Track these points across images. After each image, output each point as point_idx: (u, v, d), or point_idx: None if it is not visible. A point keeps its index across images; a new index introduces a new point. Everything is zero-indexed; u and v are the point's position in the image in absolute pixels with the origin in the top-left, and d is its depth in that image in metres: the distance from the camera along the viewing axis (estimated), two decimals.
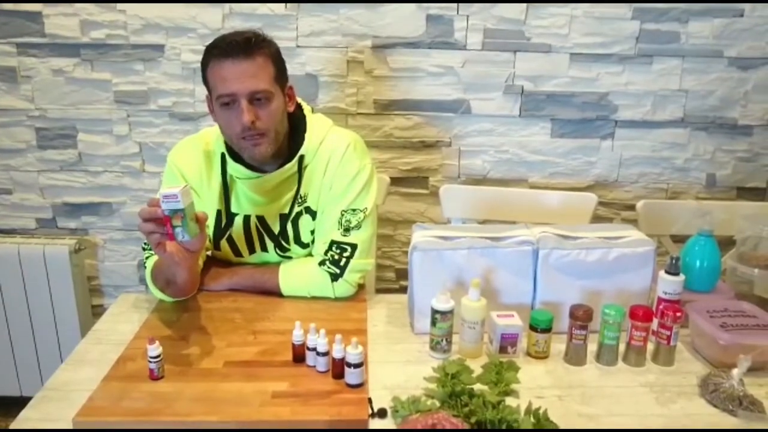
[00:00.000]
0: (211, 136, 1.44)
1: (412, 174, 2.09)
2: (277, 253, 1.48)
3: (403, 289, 1.40)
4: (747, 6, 1.93)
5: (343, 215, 1.39)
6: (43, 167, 2.06)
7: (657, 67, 1.99)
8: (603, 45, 1.96)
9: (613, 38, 1.96)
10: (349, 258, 1.39)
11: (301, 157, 1.38)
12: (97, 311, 2.17)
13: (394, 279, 2.20)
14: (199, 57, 1.89)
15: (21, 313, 2.09)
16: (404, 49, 1.96)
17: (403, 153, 2.06)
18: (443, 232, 1.36)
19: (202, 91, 1.96)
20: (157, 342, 1.09)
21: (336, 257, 1.39)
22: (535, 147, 2.07)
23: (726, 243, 1.54)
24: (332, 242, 1.40)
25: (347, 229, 1.39)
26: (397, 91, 2.00)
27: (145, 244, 1.40)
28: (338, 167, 1.39)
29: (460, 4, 1.91)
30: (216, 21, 1.90)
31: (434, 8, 1.91)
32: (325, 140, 1.40)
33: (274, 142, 1.33)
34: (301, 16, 1.91)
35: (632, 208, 1.91)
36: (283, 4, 1.89)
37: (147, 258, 1.39)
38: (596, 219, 1.91)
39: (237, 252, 1.48)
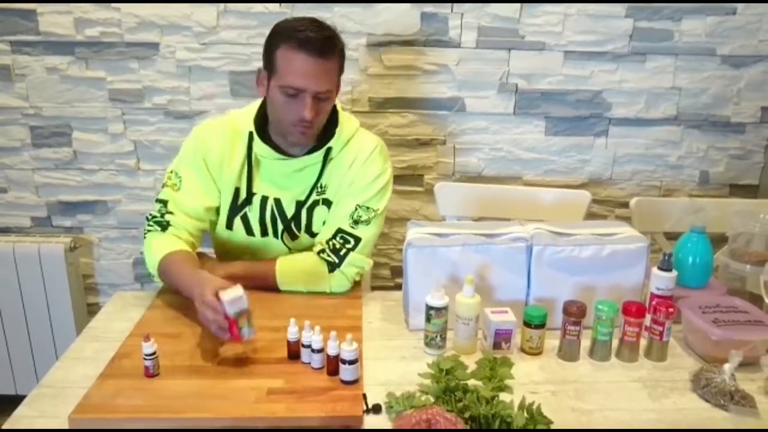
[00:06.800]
0: (238, 117, 1.46)
1: (407, 172, 2.10)
2: (284, 242, 1.48)
3: (399, 287, 1.41)
4: (740, 4, 1.94)
5: (356, 209, 1.43)
6: (37, 165, 2.06)
7: (650, 65, 2.00)
8: (597, 43, 1.97)
9: (607, 36, 1.96)
10: (350, 250, 1.41)
11: (329, 149, 1.42)
12: (93, 309, 2.17)
13: (389, 276, 2.21)
14: (194, 55, 1.94)
15: (16, 312, 2.09)
16: (399, 47, 1.96)
17: (398, 151, 2.07)
18: (438, 229, 1.37)
19: (197, 89, 1.98)
20: (152, 339, 1.09)
21: (337, 246, 1.41)
22: (529, 145, 2.08)
23: (718, 240, 1.56)
24: (339, 230, 1.42)
25: (357, 222, 1.43)
26: (392, 89, 2.00)
27: (150, 215, 1.42)
28: (363, 166, 1.43)
29: (454, 3, 1.91)
30: (211, 19, 1.90)
31: (429, 6, 1.91)
32: (354, 138, 1.45)
33: (317, 132, 1.41)
34: (295, 14, 1.91)
35: (626, 205, 1.92)
36: (278, 3, 1.89)
37: (148, 231, 1.41)
38: (590, 216, 1.93)
39: (249, 230, 1.48)
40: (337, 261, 1.41)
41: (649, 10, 1.94)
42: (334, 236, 1.42)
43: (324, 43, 1.29)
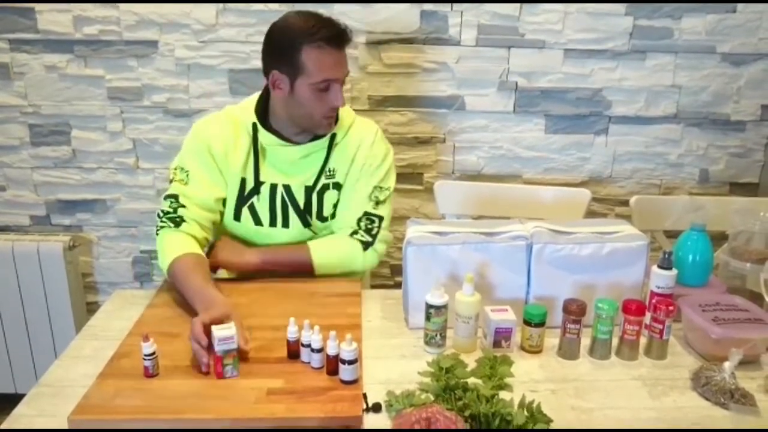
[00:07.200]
0: (237, 111, 1.50)
1: (406, 170, 2.10)
2: (305, 226, 1.51)
3: (398, 286, 1.40)
4: (739, 3, 1.94)
5: (374, 190, 1.51)
6: (36, 164, 2.05)
7: (650, 63, 2.00)
8: (597, 41, 1.97)
9: (607, 34, 1.96)
10: (379, 228, 1.51)
11: (333, 135, 1.49)
12: (92, 308, 2.17)
13: (389, 275, 2.21)
14: (193, 53, 1.93)
15: (15, 310, 2.09)
16: (398, 45, 1.96)
17: (398, 149, 2.06)
18: (437, 227, 1.36)
19: (196, 87, 1.97)
20: (152, 340, 1.09)
21: (369, 226, 1.50)
22: (529, 143, 2.08)
23: (718, 238, 1.55)
24: (365, 213, 1.50)
25: (377, 203, 1.52)
26: (392, 87, 2.00)
27: (161, 212, 1.42)
28: (370, 149, 1.51)
29: (453, 2, 1.91)
30: (210, 17, 1.90)
31: (428, 4, 1.91)
32: (354, 125, 1.53)
33: None
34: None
35: (626, 203, 1.92)
36: (277, 2, 1.89)
37: (161, 228, 1.41)
38: (590, 214, 1.92)
39: (258, 220, 1.51)
40: (371, 240, 1.50)
41: (649, 8, 1.94)
42: (361, 219, 1.50)
43: (344, 35, 1.38)
